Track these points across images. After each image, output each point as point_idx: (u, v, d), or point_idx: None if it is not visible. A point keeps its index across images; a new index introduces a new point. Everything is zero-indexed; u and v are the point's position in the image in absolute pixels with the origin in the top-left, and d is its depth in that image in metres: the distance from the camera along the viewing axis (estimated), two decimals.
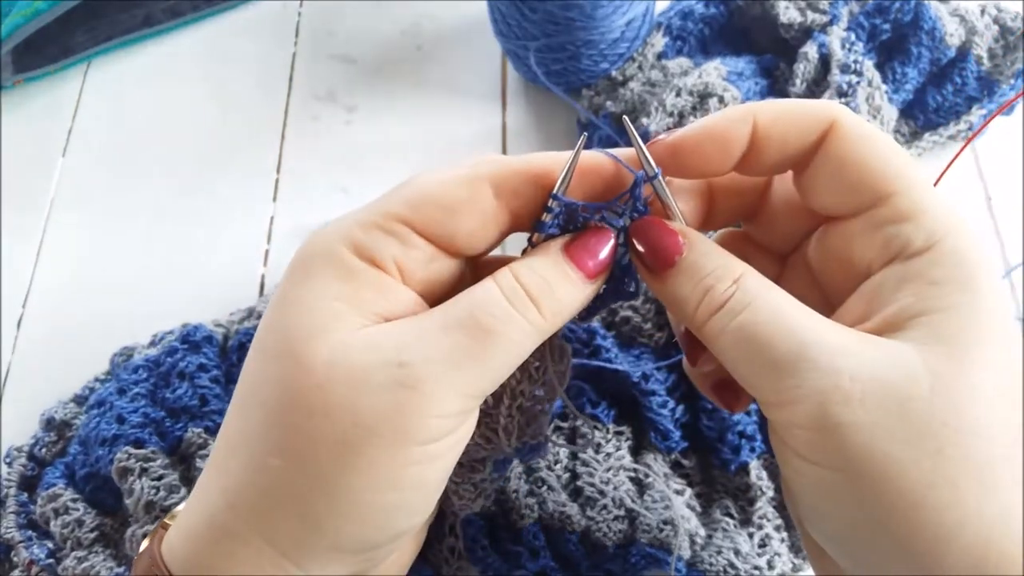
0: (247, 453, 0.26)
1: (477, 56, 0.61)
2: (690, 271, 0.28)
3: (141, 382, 0.45)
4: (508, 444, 0.31)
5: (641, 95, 0.53)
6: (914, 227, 0.25)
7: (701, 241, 0.28)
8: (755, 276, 0.27)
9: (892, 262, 0.26)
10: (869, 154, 0.26)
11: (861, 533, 0.25)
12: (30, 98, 0.62)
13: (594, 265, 0.28)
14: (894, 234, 0.26)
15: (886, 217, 0.26)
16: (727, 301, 0.26)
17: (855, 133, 0.26)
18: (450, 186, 0.27)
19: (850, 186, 0.27)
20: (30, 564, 0.41)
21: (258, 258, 0.54)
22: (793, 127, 0.27)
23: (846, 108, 0.27)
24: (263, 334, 0.27)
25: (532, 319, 0.26)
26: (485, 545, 0.40)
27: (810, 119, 0.27)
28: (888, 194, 0.26)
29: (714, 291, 0.27)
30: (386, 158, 0.58)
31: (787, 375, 0.25)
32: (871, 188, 0.26)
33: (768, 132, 0.27)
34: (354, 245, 0.27)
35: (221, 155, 0.59)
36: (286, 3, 0.66)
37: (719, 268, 0.27)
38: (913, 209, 0.25)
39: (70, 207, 0.57)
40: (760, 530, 0.41)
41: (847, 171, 0.26)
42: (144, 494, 0.40)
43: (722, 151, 0.28)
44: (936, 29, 0.51)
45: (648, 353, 0.45)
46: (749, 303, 0.26)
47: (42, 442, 0.46)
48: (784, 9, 0.54)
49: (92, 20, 0.63)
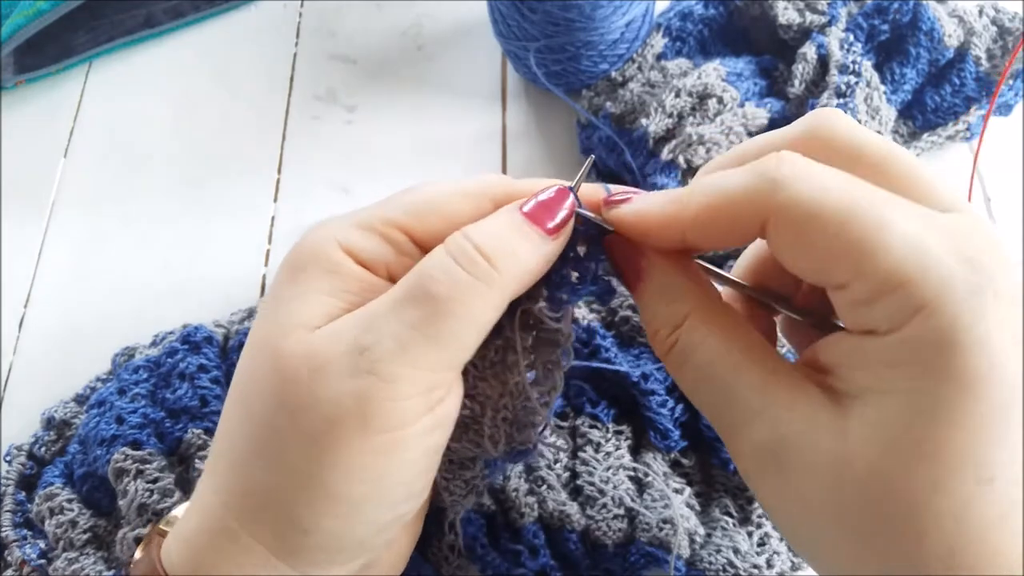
0: (234, 453, 0.26)
1: (477, 56, 0.62)
2: (641, 306, 0.28)
3: (141, 382, 0.45)
4: (495, 451, 0.30)
5: (640, 96, 0.53)
6: (880, 310, 0.23)
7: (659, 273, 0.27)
8: (698, 324, 0.26)
9: (864, 334, 0.24)
10: (814, 242, 0.23)
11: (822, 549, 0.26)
12: (31, 99, 0.62)
13: (552, 223, 0.27)
14: (862, 314, 0.24)
15: (852, 299, 0.24)
16: (671, 348, 0.27)
17: (792, 224, 0.24)
18: (454, 198, 0.27)
19: (809, 271, 0.25)
20: (22, 564, 0.41)
21: (259, 258, 0.55)
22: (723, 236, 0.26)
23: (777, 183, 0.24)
24: (251, 331, 0.27)
25: (487, 277, 0.25)
26: (485, 543, 0.40)
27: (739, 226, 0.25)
28: (847, 280, 0.23)
29: (658, 336, 0.27)
30: (386, 158, 0.58)
31: (727, 427, 0.26)
32: (827, 275, 0.24)
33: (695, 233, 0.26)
34: (348, 246, 0.26)
35: (222, 155, 0.59)
36: (287, 3, 0.66)
37: (664, 313, 0.27)
38: (880, 290, 0.23)
39: (71, 208, 0.58)
40: (759, 529, 0.41)
41: (800, 259, 0.24)
42: (137, 496, 0.40)
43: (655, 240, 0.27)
44: (935, 30, 0.52)
45: (648, 353, 0.45)
46: (688, 356, 0.26)
47: (42, 441, 0.46)
48: (783, 10, 0.54)
49: (93, 21, 0.63)
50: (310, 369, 0.24)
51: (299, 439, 0.24)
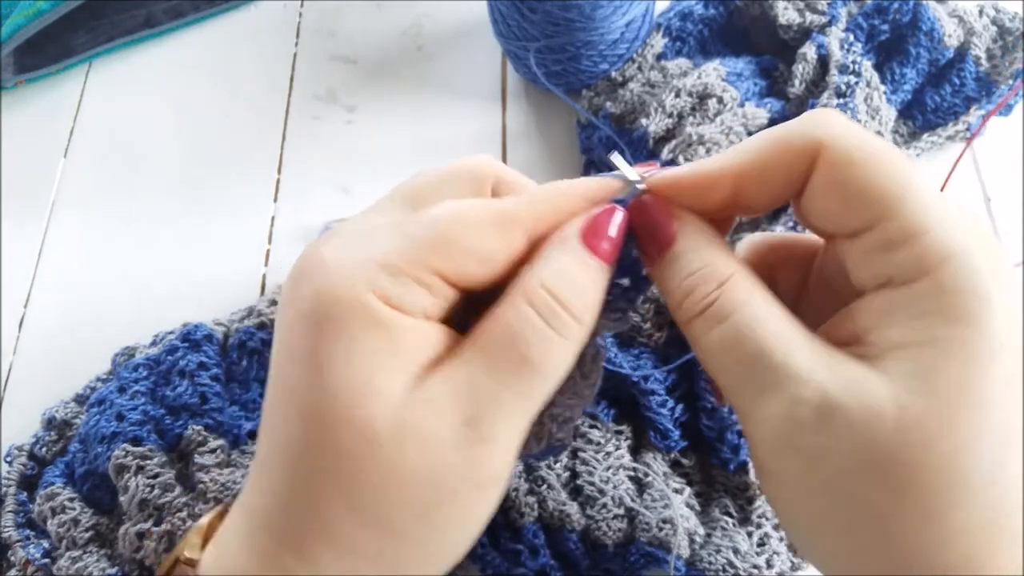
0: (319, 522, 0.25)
1: (477, 57, 0.62)
2: (676, 265, 0.27)
3: (141, 380, 0.45)
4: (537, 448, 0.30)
5: (640, 96, 0.53)
6: (905, 254, 0.24)
7: (695, 233, 0.27)
8: (742, 282, 0.26)
9: (882, 288, 0.24)
10: (858, 178, 0.24)
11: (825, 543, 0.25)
12: (31, 99, 0.62)
13: (608, 245, 0.26)
14: (884, 261, 0.24)
15: (877, 243, 0.24)
16: (708, 307, 0.25)
17: (843, 157, 0.25)
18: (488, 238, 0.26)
19: (840, 212, 0.25)
20: (26, 564, 0.41)
21: (259, 258, 0.55)
22: (775, 172, 0.26)
23: (836, 123, 0.25)
24: (300, 396, 0.25)
25: (573, 334, 0.26)
26: (485, 543, 0.40)
27: (792, 155, 0.25)
28: (878, 219, 0.24)
29: (696, 293, 0.26)
30: (386, 158, 0.58)
31: (758, 392, 0.25)
32: (861, 214, 0.24)
33: (748, 184, 0.26)
34: (384, 294, 0.25)
35: (222, 155, 0.59)
36: (287, 3, 0.66)
37: (706, 268, 0.26)
38: (904, 235, 0.24)
39: (71, 208, 0.58)
40: (759, 529, 0.42)
41: (836, 198, 0.25)
42: (138, 492, 0.40)
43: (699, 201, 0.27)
44: (935, 30, 0.52)
45: (648, 353, 0.45)
46: (729, 314, 0.25)
47: (43, 441, 0.46)
48: (783, 10, 0.54)
49: (93, 21, 0.63)
50: (416, 443, 0.24)
51: (412, 508, 0.25)
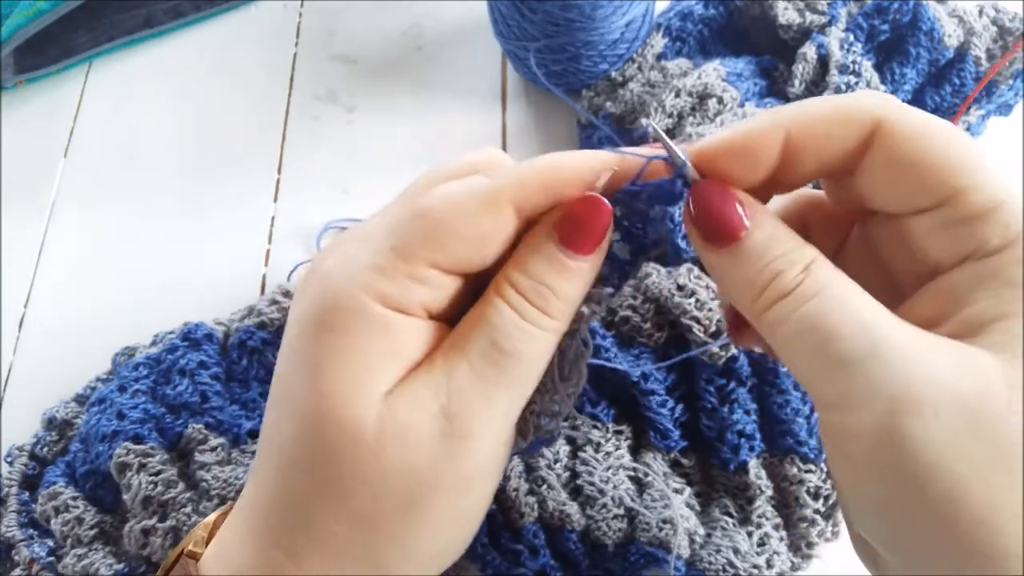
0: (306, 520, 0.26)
1: (477, 57, 0.62)
2: (756, 252, 0.25)
3: (142, 379, 0.45)
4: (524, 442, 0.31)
5: (640, 96, 0.53)
6: (989, 224, 0.23)
7: (769, 219, 0.25)
8: (826, 263, 0.24)
9: (965, 261, 0.23)
10: (928, 152, 0.23)
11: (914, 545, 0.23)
12: (31, 99, 0.63)
13: (588, 240, 0.26)
14: (967, 233, 0.23)
15: (956, 216, 0.23)
16: (795, 289, 0.24)
17: (908, 132, 0.24)
18: (474, 218, 0.25)
19: (910, 188, 0.24)
20: (31, 563, 0.41)
21: (259, 258, 0.55)
22: (830, 137, 0.24)
23: (893, 101, 0.24)
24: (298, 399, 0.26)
25: (546, 325, 0.26)
26: (485, 543, 0.40)
27: (850, 126, 0.24)
28: (955, 192, 0.23)
29: (783, 277, 0.24)
30: (386, 158, 0.58)
31: (854, 375, 0.22)
32: (935, 188, 0.23)
33: (801, 146, 0.25)
34: (382, 297, 0.25)
35: (222, 155, 0.59)
36: (286, 3, 0.66)
37: (790, 252, 0.24)
38: (987, 205, 0.23)
39: (71, 208, 0.58)
40: (759, 529, 0.41)
41: (904, 174, 0.24)
42: (142, 489, 0.40)
43: (746, 167, 0.25)
44: (935, 30, 0.52)
45: (648, 353, 0.45)
46: (818, 292, 0.23)
47: (43, 441, 0.46)
48: (783, 10, 0.54)
49: (93, 21, 0.63)
50: (396, 439, 0.25)
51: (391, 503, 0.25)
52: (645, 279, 0.45)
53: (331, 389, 0.25)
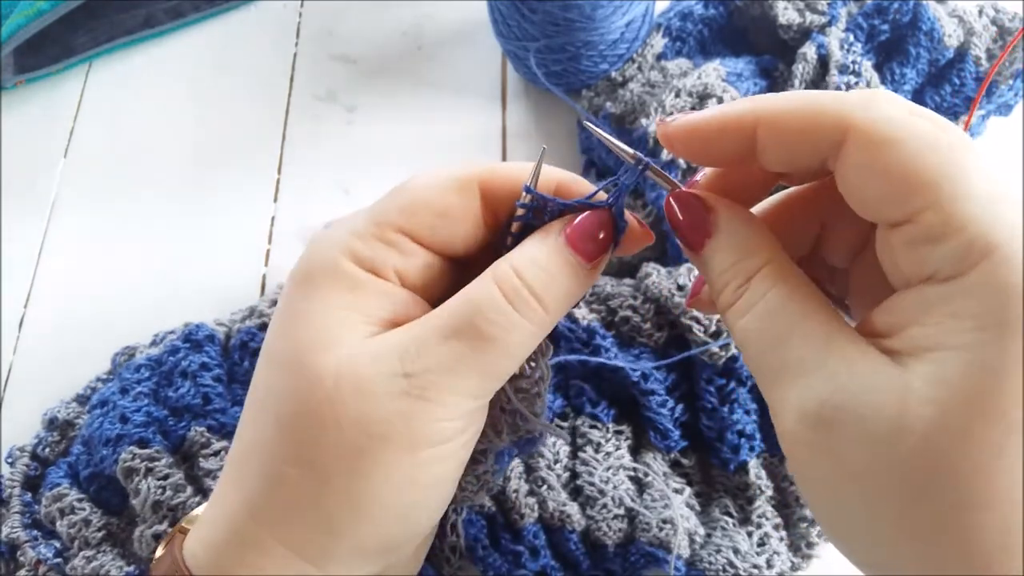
0: (263, 463, 0.27)
1: (477, 57, 0.62)
2: (709, 262, 0.27)
3: (144, 381, 0.45)
4: (502, 440, 0.31)
5: (640, 96, 0.53)
6: (945, 249, 0.22)
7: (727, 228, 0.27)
8: (769, 274, 0.25)
9: (925, 283, 0.23)
10: (894, 164, 0.22)
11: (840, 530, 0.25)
12: (31, 99, 0.62)
13: (595, 248, 0.27)
14: (925, 255, 0.22)
15: (916, 236, 0.23)
16: (734, 304, 0.26)
17: (875, 139, 0.23)
18: (443, 192, 0.28)
19: (875, 200, 0.24)
20: (37, 563, 0.41)
21: (259, 258, 0.55)
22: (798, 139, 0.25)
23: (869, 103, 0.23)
24: (272, 346, 0.28)
25: (535, 318, 0.26)
26: (486, 544, 0.40)
27: (818, 131, 0.24)
28: (919, 209, 0.22)
29: (727, 290, 0.26)
30: (386, 158, 0.58)
31: (775, 385, 0.25)
32: (897, 204, 0.23)
33: (768, 143, 0.25)
34: (355, 256, 0.27)
35: (222, 155, 0.59)
36: (286, 3, 0.66)
37: (737, 262, 0.26)
38: (943, 228, 0.22)
39: (71, 208, 0.58)
40: (759, 529, 0.42)
41: (869, 185, 0.23)
42: (151, 494, 0.40)
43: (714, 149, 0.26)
44: (934, 30, 0.52)
45: (648, 353, 0.45)
46: (752, 306, 0.25)
47: (45, 442, 0.46)
48: (783, 10, 0.54)
49: (93, 21, 0.63)
50: (353, 388, 0.25)
51: (341, 452, 0.26)
52: (645, 279, 0.45)
53: (300, 335, 0.27)
